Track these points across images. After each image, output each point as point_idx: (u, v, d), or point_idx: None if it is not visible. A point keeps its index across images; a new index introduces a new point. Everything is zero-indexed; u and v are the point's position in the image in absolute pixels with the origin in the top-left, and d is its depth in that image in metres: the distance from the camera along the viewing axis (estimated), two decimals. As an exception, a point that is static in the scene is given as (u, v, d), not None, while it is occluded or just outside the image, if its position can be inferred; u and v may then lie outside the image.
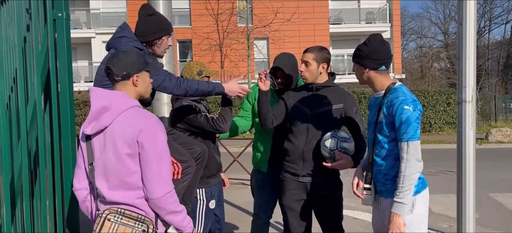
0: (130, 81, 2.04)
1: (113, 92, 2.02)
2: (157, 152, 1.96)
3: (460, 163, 2.56)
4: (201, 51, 24.22)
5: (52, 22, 2.77)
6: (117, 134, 1.95)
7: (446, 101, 19.01)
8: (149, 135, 1.95)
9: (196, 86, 2.57)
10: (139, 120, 1.96)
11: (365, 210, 6.04)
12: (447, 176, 8.81)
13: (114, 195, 2.00)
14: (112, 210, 1.99)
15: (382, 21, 26.12)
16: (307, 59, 2.93)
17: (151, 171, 1.95)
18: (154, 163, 1.95)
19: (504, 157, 11.51)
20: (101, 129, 1.98)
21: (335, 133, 2.77)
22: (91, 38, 24.26)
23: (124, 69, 2.02)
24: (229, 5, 23.51)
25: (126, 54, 2.05)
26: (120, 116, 1.96)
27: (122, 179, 1.97)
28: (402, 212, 2.28)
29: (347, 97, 2.96)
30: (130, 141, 1.94)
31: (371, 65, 2.40)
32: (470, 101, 2.50)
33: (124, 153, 1.94)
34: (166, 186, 1.98)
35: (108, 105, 1.96)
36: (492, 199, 6.75)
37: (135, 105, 2.02)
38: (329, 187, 2.93)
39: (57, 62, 2.83)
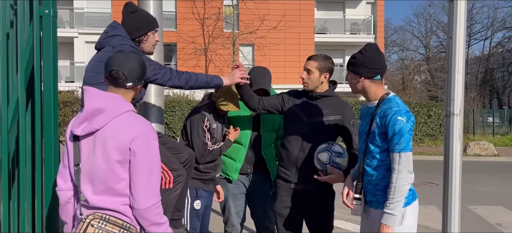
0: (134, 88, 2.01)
1: (109, 94, 1.96)
2: (149, 161, 1.91)
3: (446, 175, 2.57)
4: (185, 55, 24.06)
5: (39, 19, 2.69)
6: (108, 138, 1.89)
7: (427, 114, 19.33)
8: (143, 143, 1.90)
9: (195, 77, 2.59)
10: (133, 126, 1.91)
11: (348, 219, 6.06)
12: (428, 188, 8.93)
13: (98, 200, 1.93)
14: (96, 215, 1.92)
15: (366, 32, 26.48)
16: (310, 67, 2.90)
17: (140, 181, 1.90)
18: (144, 172, 1.90)
19: (482, 170, 11.74)
20: (92, 131, 1.91)
21: (329, 147, 2.75)
22: (73, 37, 23.87)
23: (136, 76, 1.99)
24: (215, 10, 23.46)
25: (138, 61, 2.00)
26: (113, 120, 1.90)
27: (109, 185, 1.91)
28: (392, 224, 2.27)
29: (346, 109, 2.94)
30: (122, 148, 1.88)
31: (366, 74, 2.39)
32: (458, 114, 2.52)
33: (114, 159, 1.88)
34: (154, 197, 1.93)
35: (103, 108, 1.90)
36: (472, 211, 6.85)
37: (130, 109, 1.96)
38: (321, 196, 2.91)
39: (42, 60, 2.75)
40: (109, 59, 1.99)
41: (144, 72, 2.04)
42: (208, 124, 3.13)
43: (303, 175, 2.87)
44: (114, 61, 1.96)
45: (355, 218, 5.94)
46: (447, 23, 2.60)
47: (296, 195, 2.91)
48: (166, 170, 2.48)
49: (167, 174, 2.48)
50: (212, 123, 3.15)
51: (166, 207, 2.51)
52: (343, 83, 25.44)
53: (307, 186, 2.88)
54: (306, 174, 2.85)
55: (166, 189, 2.49)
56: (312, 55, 3.00)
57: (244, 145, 3.30)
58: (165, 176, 2.48)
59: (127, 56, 1.99)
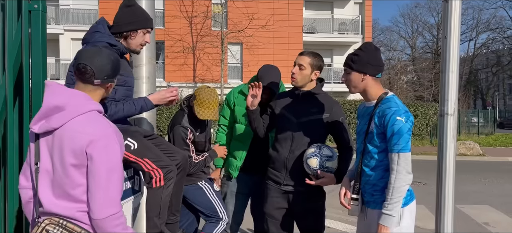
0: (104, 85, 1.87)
1: (73, 91, 1.81)
2: (108, 167, 1.74)
3: (440, 174, 2.58)
4: (173, 53, 23.91)
5: (27, 14, 2.62)
6: (65, 140, 1.74)
7: (414, 114, 19.53)
8: (101, 147, 1.73)
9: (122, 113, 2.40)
10: (93, 128, 1.75)
11: (338, 218, 6.07)
12: (416, 187, 9.01)
13: (55, 204, 1.77)
14: (53, 220, 1.77)
15: (354, 32, 26.63)
16: (303, 62, 2.84)
17: (97, 188, 1.73)
18: (102, 179, 1.73)
19: (468, 170, 11.89)
20: (49, 130, 1.77)
21: (318, 151, 2.70)
22: (59, 34, 23.50)
23: (106, 73, 1.84)
24: (203, 8, 23.36)
25: (110, 57, 1.87)
26: (73, 120, 1.75)
27: (65, 189, 1.76)
28: (390, 224, 2.26)
29: (334, 107, 2.91)
30: (78, 151, 1.72)
31: (372, 71, 2.36)
32: (452, 114, 2.53)
33: (69, 163, 1.73)
34: (112, 207, 1.76)
35: (63, 106, 1.75)
36: (459, 210, 6.92)
37: (94, 109, 1.81)
38: (311, 196, 2.89)
39: (31, 57, 2.67)
40: (78, 52, 1.87)
41: (116, 70, 1.89)
42: (192, 136, 3.13)
43: (293, 177, 2.85)
44: (83, 55, 1.83)
45: (346, 218, 5.96)
46: (442, 23, 2.60)
47: (287, 196, 2.89)
48: (155, 168, 2.43)
49: (157, 172, 2.44)
50: (196, 131, 3.16)
51: (160, 206, 2.47)
52: (331, 83, 25.59)
53: (297, 187, 2.86)
54: (296, 176, 2.83)
55: (158, 187, 2.45)
56: (303, 51, 2.96)
57: (245, 143, 3.27)
58: (155, 174, 2.44)
59: (98, 51, 1.87)
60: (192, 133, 3.13)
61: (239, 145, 3.32)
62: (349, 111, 18.29)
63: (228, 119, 3.42)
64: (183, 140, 3.11)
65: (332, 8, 27.04)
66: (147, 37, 2.55)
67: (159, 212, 2.47)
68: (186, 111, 3.18)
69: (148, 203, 2.49)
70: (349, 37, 26.19)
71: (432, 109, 19.44)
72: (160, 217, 2.49)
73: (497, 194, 8.53)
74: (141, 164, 2.41)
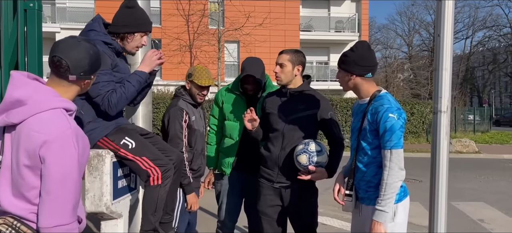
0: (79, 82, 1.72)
1: (38, 85, 1.66)
2: (63, 172, 1.58)
3: (433, 171, 2.60)
4: (170, 51, 23.84)
5: (23, 13, 2.63)
6: (22, 138, 1.60)
7: (410, 111, 19.58)
8: (55, 150, 1.57)
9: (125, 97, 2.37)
10: (49, 128, 1.58)
11: (333, 215, 6.10)
12: (411, 184, 9.05)
13: (11, 203, 1.64)
14: (7, 221, 1.62)
15: (351, 30, 26.66)
16: (282, 61, 2.89)
17: (47, 194, 1.57)
18: (55, 184, 1.57)
19: (463, 167, 11.96)
20: (8, 124, 1.63)
21: (306, 147, 2.71)
22: (55, 32, 23.42)
23: (82, 68, 1.69)
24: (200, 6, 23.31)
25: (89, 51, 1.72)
26: (33, 118, 1.60)
27: (20, 190, 1.63)
28: (383, 220, 2.29)
29: (322, 102, 2.94)
30: (31, 152, 1.58)
31: (358, 71, 2.40)
32: (445, 111, 2.56)
33: (23, 164, 1.59)
34: (61, 217, 1.59)
35: (24, 100, 1.60)
36: (454, 207, 6.97)
37: (58, 107, 1.64)
38: (304, 193, 2.91)
39: (26, 55, 2.68)
40: (54, 43, 1.71)
41: (94, 66, 1.74)
42: (187, 118, 3.13)
43: (285, 174, 2.87)
44: (59, 46, 1.67)
45: (341, 215, 6.00)
46: (435, 22, 2.63)
47: (280, 194, 2.91)
48: (153, 166, 2.44)
49: (155, 171, 2.45)
50: (191, 115, 3.16)
51: (157, 204, 2.48)
52: (328, 81, 25.63)
53: (289, 184, 2.88)
54: (288, 173, 2.85)
55: (155, 186, 2.46)
56: (283, 50, 3.00)
57: (235, 139, 3.29)
58: (153, 172, 2.45)
59: (76, 43, 1.69)
60: (188, 116, 3.13)
61: (229, 142, 3.34)
62: (345, 109, 18.33)
63: (217, 118, 3.45)
64: (178, 121, 3.07)
65: (329, 6, 27.07)
66: (144, 39, 2.54)
67: (155, 210, 2.48)
68: (181, 96, 3.21)
69: (145, 201, 2.51)
70: (346, 35, 26.21)
71: (428, 107, 19.49)
72: (156, 215, 2.50)
73: (492, 191, 8.59)
74: (138, 162, 2.42)
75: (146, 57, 2.51)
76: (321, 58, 26.65)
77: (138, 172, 2.49)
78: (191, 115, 3.16)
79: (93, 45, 1.76)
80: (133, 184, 2.71)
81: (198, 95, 3.19)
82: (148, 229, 2.48)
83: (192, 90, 3.19)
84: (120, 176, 2.52)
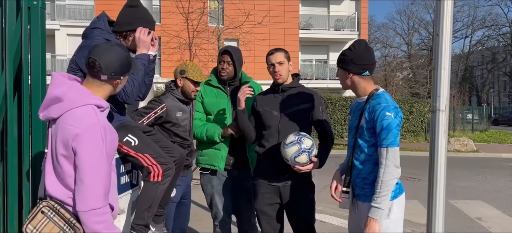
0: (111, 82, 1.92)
1: (74, 85, 1.88)
2: (91, 163, 1.78)
3: (431, 169, 2.64)
4: (170, 49, 23.87)
5: (27, 10, 2.65)
6: (59, 131, 1.82)
7: (409, 110, 19.62)
8: (85, 143, 1.77)
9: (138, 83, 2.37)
10: (80, 122, 1.79)
11: (332, 213, 6.14)
12: (410, 182, 9.10)
13: (54, 189, 1.87)
14: (49, 203, 1.87)
15: (350, 29, 26.67)
16: (280, 59, 2.96)
17: (81, 182, 1.79)
18: (85, 173, 1.78)
19: (462, 166, 12.01)
20: (49, 119, 1.87)
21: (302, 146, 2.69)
22: (55, 30, 23.42)
23: (113, 69, 1.88)
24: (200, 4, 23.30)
25: (120, 55, 1.91)
26: (68, 112, 1.82)
27: (60, 177, 1.86)
28: (379, 217, 2.32)
29: (314, 97, 2.99)
30: (65, 143, 1.80)
31: (355, 70, 2.44)
32: (443, 110, 2.59)
33: (60, 153, 1.82)
34: (95, 201, 1.79)
35: (62, 97, 1.83)
36: (453, 206, 7.02)
37: (91, 103, 1.85)
38: (301, 190, 2.94)
39: (30, 53, 2.70)
40: (92, 46, 1.93)
41: (125, 68, 1.93)
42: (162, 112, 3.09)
43: (282, 171, 2.89)
44: (95, 50, 1.88)
45: (339, 212, 6.03)
46: (434, 21, 2.66)
47: (278, 191, 2.93)
48: (155, 163, 2.47)
49: (156, 168, 2.47)
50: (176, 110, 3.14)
51: (153, 200, 2.51)
52: (327, 79, 25.65)
53: (287, 182, 2.91)
54: (286, 170, 2.87)
55: (154, 182, 2.49)
56: (272, 49, 3.04)
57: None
58: (154, 169, 2.47)
59: (109, 47, 1.90)
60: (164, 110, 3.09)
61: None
62: (344, 107, 18.37)
63: (201, 112, 3.44)
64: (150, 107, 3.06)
65: (328, 5, 27.08)
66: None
67: (150, 206, 2.51)
68: (170, 92, 3.21)
69: (142, 195, 2.53)
70: (345, 34, 26.23)
71: (427, 106, 19.53)
72: (150, 210, 2.53)
73: (490, 190, 8.64)
74: (141, 159, 2.45)
75: (138, 40, 2.45)
76: (320, 57, 26.67)
77: (140, 169, 2.52)
78: (175, 111, 3.13)
79: (124, 50, 1.96)
80: (135, 181, 2.73)
81: (192, 91, 3.19)
82: (140, 223, 2.50)
83: (186, 87, 3.18)
84: (123, 173, 2.55)
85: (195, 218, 5.60)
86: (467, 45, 52.40)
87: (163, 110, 3.10)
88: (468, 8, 66.40)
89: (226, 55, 3.32)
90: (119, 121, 2.46)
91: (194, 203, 6.48)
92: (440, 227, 2.64)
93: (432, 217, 2.65)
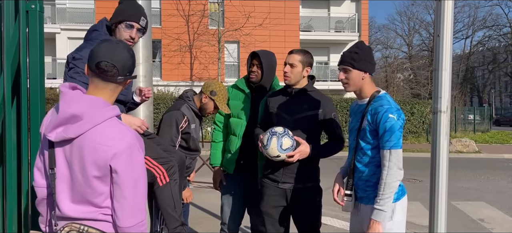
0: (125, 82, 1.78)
1: (88, 98, 1.70)
2: (134, 178, 1.71)
3: (433, 171, 2.62)
4: (170, 52, 23.90)
5: (25, 14, 2.64)
6: (86, 151, 1.66)
7: (410, 111, 19.59)
8: (126, 160, 1.68)
9: None
10: (114, 140, 1.67)
11: (334, 215, 6.11)
12: (412, 184, 9.06)
13: (76, 210, 1.72)
14: (73, 227, 1.73)
15: (351, 30, 26.66)
16: (293, 61, 2.88)
17: (124, 199, 1.70)
18: (129, 190, 1.70)
19: (463, 167, 11.97)
20: (67, 139, 1.68)
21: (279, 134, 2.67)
22: (55, 33, 23.45)
23: (129, 68, 1.75)
24: (200, 7, 23.34)
25: (130, 51, 1.77)
26: (92, 130, 1.66)
27: (86, 198, 1.72)
28: (381, 219, 2.30)
29: (327, 103, 2.93)
30: (101, 164, 1.66)
31: (371, 69, 2.43)
32: (445, 111, 2.57)
33: (92, 175, 1.67)
34: (139, 214, 1.74)
35: (80, 115, 1.65)
36: (454, 207, 6.98)
37: (112, 116, 1.72)
38: (309, 193, 2.91)
39: (28, 56, 2.70)
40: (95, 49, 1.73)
41: (135, 64, 1.81)
42: (186, 125, 3.06)
43: (291, 174, 2.87)
44: (103, 51, 1.70)
45: (342, 215, 6.01)
46: (435, 22, 2.64)
47: (284, 194, 2.91)
48: (156, 165, 2.45)
49: (159, 169, 2.46)
50: (191, 122, 3.12)
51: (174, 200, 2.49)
52: (328, 81, 25.62)
53: (295, 184, 2.88)
54: (294, 172, 2.85)
55: (165, 184, 2.47)
56: (293, 49, 3.00)
57: (238, 136, 3.29)
58: (157, 171, 2.45)
59: (116, 45, 1.74)
60: (187, 123, 3.06)
61: (233, 139, 3.33)
62: (346, 109, 18.35)
63: (223, 115, 3.45)
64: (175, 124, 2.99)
65: (329, 6, 27.08)
66: (132, 32, 2.41)
67: (174, 205, 2.49)
68: (186, 101, 3.16)
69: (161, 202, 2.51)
70: (346, 35, 26.21)
71: (428, 107, 19.50)
72: (176, 210, 2.51)
73: (492, 191, 8.60)
74: None
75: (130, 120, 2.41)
76: (321, 58, 26.64)
77: None
78: (191, 123, 3.13)
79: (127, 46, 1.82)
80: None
81: (209, 112, 3.18)
82: (175, 226, 2.49)
83: (207, 105, 3.15)
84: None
85: (195, 221, 5.58)
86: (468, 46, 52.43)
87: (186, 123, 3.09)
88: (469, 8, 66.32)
89: (255, 58, 3.27)
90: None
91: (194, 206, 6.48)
92: (442, 229, 2.62)
93: (434, 219, 2.63)
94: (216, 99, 3.12)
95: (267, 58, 3.26)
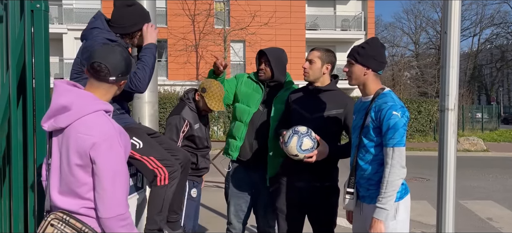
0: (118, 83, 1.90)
1: (79, 91, 1.85)
2: (112, 170, 1.78)
3: (441, 170, 2.59)
4: (176, 52, 23.96)
5: (30, 13, 2.64)
6: (71, 140, 1.78)
7: (417, 109, 19.48)
8: (104, 151, 1.76)
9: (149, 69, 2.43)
10: (95, 131, 1.77)
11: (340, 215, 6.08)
12: (419, 183, 9.01)
13: (62, 200, 1.84)
14: (57, 215, 1.83)
15: (357, 29, 26.55)
16: (312, 57, 2.88)
17: (103, 190, 1.78)
18: (107, 182, 1.77)
19: (471, 165, 11.87)
20: (57, 129, 1.82)
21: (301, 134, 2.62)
22: (62, 33, 23.62)
23: (120, 70, 1.87)
24: (206, 6, 23.37)
25: (123, 54, 1.90)
26: (78, 121, 1.78)
27: (70, 187, 1.82)
28: (384, 218, 2.28)
29: (348, 102, 2.89)
30: (82, 153, 1.76)
31: (375, 66, 2.40)
32: (452, 109, 2.54)
33: (74, 163, 1.78)
34: (119, 207, 1.80)
35: (69, 105, 1.79)
36: (463, 206, 6.93)
37: (100, 109, 1.83)
38: (326, 193, 2.89)
39: (34, 56, 2.70)
40: (92, 51, 1.91)
41: (129, 67, 1.94)
42: (188, 128, 3.06)
43: (308, 173, 2.83)
44: (97, 53, 1.86)
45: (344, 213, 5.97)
46: (442, 19, 2.61)
47: (300, 192, 2.88)
48: (160, 166, 2.45)
49: (162, 171, 2.45)
50: (194, 124, 3.11)
51: (163, 204, 2.48)
52: (334, 80, 25.53)
53: (312, 183, 2.85)
54: (311, 171, 2.81)
55: (162, 186, 2.47)
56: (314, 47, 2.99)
57: (245, 123, 3.26)
58: (160, 172, 2.45)
59: (112, 49, 1.89)
60: (188, 126, 3.07)
61: (240, 125, 3.29)
62: (352, 108, 18.26)
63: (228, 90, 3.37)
64: (176, 129, 3.03)
65: (335, 5, 26.99)
66: None
67: (160, 210, 2.49)
68: (187, 103, 3.16)
69: (150, 201, 2.51)
70: (352, 34, 26.11)
71: (435, 105, 19.38)
72: (161, 214, 2.50)
73: (500, 189, 8.53)
74: (146, 162, 2.43)
75: (145, 33, 2.54)
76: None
77: (145, 172, 2.49)
78: (193, 124, 3.11)
79: (125, 50, 1.97)
80: (140, 183, 2.72)
81: (204, 110, 3.16)
82: (153, 228, 2.49)
83: (201, 104, 3.14)
84: (127, 176, 2.53)
85: (204, 221, 5.58)
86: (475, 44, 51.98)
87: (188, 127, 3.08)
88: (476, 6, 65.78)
89: (263, 56, 3.25)
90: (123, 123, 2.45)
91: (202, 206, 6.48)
92: (450, 228, 2.59)
93: (442, 218, 2.60)
94: (205, 96, 3.09)
95: (274, 55, 3.23)
